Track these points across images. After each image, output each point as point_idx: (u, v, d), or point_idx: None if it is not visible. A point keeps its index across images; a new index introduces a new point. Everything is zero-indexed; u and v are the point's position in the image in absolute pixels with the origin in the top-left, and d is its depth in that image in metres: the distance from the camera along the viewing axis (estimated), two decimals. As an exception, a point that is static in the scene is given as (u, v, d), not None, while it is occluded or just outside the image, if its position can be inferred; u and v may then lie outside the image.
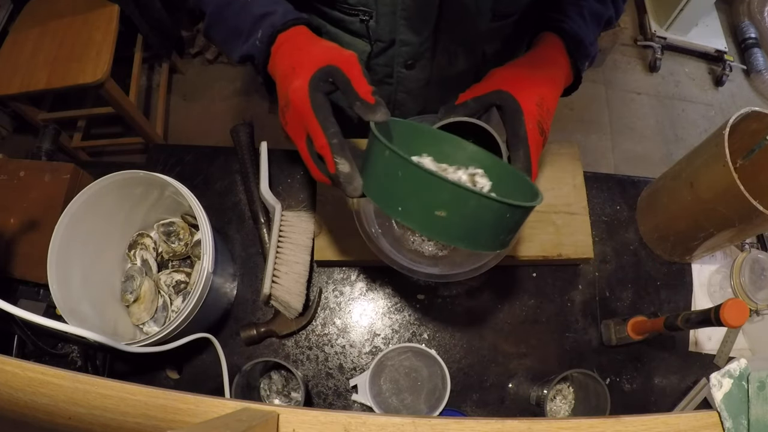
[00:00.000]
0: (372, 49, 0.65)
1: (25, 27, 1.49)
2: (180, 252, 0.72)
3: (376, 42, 0.64)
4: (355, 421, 0.32)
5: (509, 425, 0.32)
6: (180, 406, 0.32)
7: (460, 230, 0.38)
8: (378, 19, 0.60)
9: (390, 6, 0.58)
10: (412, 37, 0.62)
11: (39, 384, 0.34)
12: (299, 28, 0.50)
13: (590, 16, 0.58)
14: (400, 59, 0.66)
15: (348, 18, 0.62)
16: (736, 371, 0.34)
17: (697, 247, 0.74)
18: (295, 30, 0.49)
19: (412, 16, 0.59)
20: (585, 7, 0.58)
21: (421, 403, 0.68)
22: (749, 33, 2.21)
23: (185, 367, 0.70)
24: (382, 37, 0.63)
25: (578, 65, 0.57)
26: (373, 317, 0.73)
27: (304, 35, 0.49)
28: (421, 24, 0.61)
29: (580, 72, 0.58)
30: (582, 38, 0.56)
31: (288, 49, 0.49)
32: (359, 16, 0.60)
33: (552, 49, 0.55)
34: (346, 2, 0.59)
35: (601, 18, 0.60)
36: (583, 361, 0.73)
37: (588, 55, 0.58)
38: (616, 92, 2.16)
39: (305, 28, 0.50)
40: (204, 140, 1.78)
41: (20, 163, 0.76)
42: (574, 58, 0.56)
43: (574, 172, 0.77)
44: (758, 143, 0.67)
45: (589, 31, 0.57)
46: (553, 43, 0.56)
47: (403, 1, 0.57)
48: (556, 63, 0.55)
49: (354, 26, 0.63)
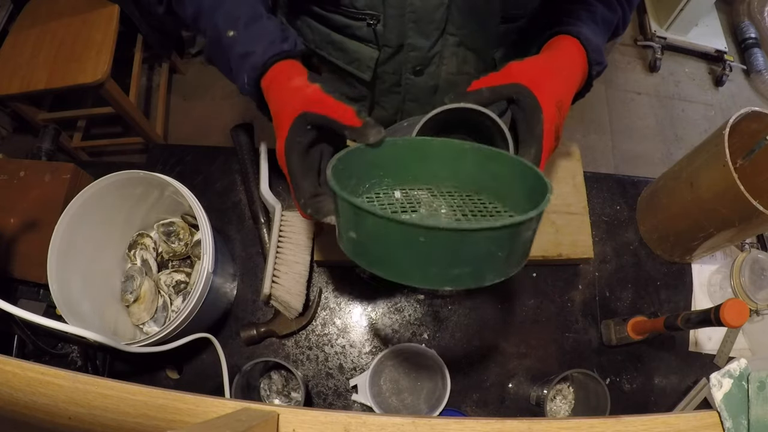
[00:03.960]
0: (380, 54, 0.64)
1: (25, 27, 1.49)
2: (180, 252, 0.72)
3: (383, 47, 0.63)
4: (355, 421, 0.32)
5: (509, 425, 0.32)
6: (180, 406, 0.32)
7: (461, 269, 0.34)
8: (386, 23, 0.59)
9: (398, 9, 0.58)
10: (420, 41, 0.62)
11: (39, 384, 0.34)
12: (280, 65, 0.49)
13: (602, 22, 0.57)
14: (408, 65, 0.65)
15: (355, 23, 0.61)
16: (736, 371, 0.34)
17: (697, 247, 0.74)
18: (276, 69, 0.49)
19: (420, 18, 0.59)
20: (597, 13, 0.57)
21: (421, 403, 0.68)
22: (749, 33, 2.21)
23: (185, 367, 0.70)
24: (390, 41, 0.62)
25: (591, 71, 0.55)
26: (373, 317, 0.73)
27: (284, 74, 0.48)
28: (429, 27, 0.60)
29: (592, 78, 0.56)
30: (597, 45, 0.54)
31: (273, 93, 0.49)
32: (366, 21, 0.59)
33: (572, 51, 0.53)
34: (353, 6, 0.59)
35: (610, 25, 0.59)
36: (583, 361, 0.73)
37: (601, 63, 0.55)
38: (616, 92, 2.16)
39: (285, 64, 0.49)
40: (204, 140, 1.77)
41: (20, 163, 0.76)
42: (591, 62, 0.54)
43: (574, 172, 0.77)
44: (758, 143, 0.67)
45: (602, 38, 0.56)
46: (573, 45, 0.53)
47: (411, 3, 0.57)
48: (576, 65, 0.52)
49: (361, 31, 0.62)
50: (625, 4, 0.60)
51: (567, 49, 0.53)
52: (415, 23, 0.59)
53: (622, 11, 0.60)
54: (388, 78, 0.69)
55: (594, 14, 0.56)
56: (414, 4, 0.57)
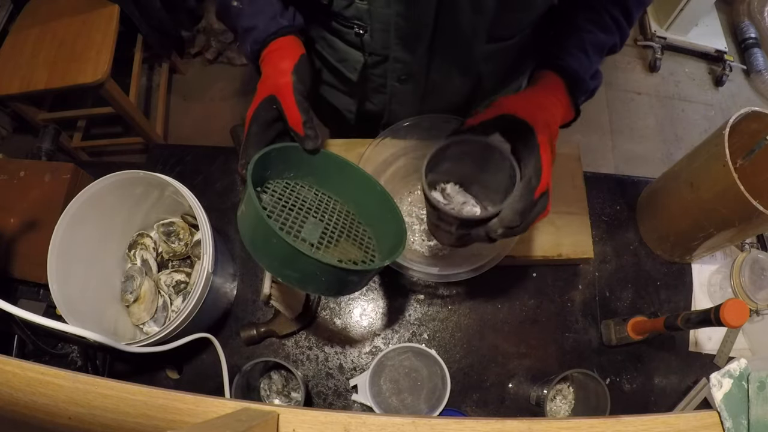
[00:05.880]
0: (366, 60, 0.65)
1: (25, 27, 1.49)
2: (180, 252, 0.72)
3: (370, 55, 0.64)
4: (355, 421, 0.32)
5: (509, 425, 0.32)
6: (180, 406, 0.32)
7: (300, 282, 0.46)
8: (372, 35, 0.61)
9: (383, 24, 0.58)
10: (405, 55, 0.63)
11: (39, 384, 0.34)
12: (278, 42, 0.56)
13: (592, 48, 0.57)
14: (394, 74, 0.66)
15: (344, 29, 0.62)
16: (736, 371, 0.34)
17: (697, 247, 0.74)
18: (274, 45, 0.56)
19: (406, 36, 0.59)
20: (587, 40, 0.57)
21: (421, 403, 0.68)
22: (749, 33, 2.21)
23: (185, 367, 0.70)
24: (377, 51, 0.63)
25: (577, 102, 0.57)
26: (373, 317, 0.73)
27: (278, 53, 0.55)
28: (414, 43, 0.61)
29: (579, 107, 0.57)
30: (582, 76, 0.55)
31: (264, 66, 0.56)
32: (354, 29, 0.61)
33: (551, 86, 0.55)
34: (342, 15, 0.60)
35: (604, 47, 0.59)
36: (583, 361, 0.73)
37: (587, 91, 0.57)
38: (616, 92, 2.16)
39: (284, 41, 0.56)
40: (204, 140, 1.77)
41: (20, 163, 0.76)
42: (573, 96, 0.56)
43: (574, 172, 0.77)
44: (758, 143, 0.67)
45: (590, 65, 0.56)
46: (553, 80, 0.55)
47: (396, 21, 0.57)
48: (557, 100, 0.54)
49: (349, 37, 0.63)
50: (624, 24, 0.59)
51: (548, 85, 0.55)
52: (400, 39, 0.60)
53: (620, 34, 0.60)
54: (375, 80, 0.69)
55: (583, 41, 0.56)
56: (399, 23, 0.57)
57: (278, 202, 0.52)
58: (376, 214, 0.58)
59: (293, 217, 0.51)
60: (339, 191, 0.59)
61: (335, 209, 0.57)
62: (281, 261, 0.45)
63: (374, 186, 0.58)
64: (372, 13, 0.57)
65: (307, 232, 0.51)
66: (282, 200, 0.52)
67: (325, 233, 0.53)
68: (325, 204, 0.57)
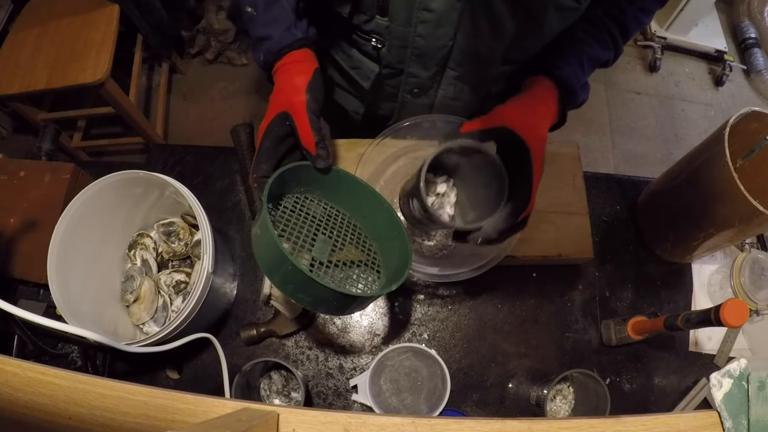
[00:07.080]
0: (380, 70, 0.66)
1: (25, 27, 1.49)
2: (180, 252, 0.72)
3: (385, 67, 0.65)
4: (355, 421, 0.32)
5: (509, 425, 0.32)
6: (180, 406, 0.32)
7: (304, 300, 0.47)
8: (390, 50, 0.62)
9: (402, 41, 0.59)
10: (420, 71, 0.64)
11: (39, 384, 0.34)
12: (292, 55, 0.55)
13: (588, 61, 0.59)
14: (407, 87, 0.68)
15: (362, 41, 0.63)
16: (736, 371, 0.34)
17: (697, 247, 0.74)
18: (288, 58, 0.55)
19: (423, 54, 0.61)
20: (585, 53, 0.58)
21: (421, 403, 0.68)
22: (749, 33, 2.21)
23: (185, 367, 0.70)
24: (392, 64, 0.64)
25: (565, 110, 0.58)
26: (373, 317, 0.73)
27: (292, 68, 0.55)
28: (430, 62, 0.62)
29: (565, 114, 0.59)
30: (575, 88, 0.57)
31: (277, 78, 0.56)
32: (372, 42, 0.62)
33: (545, 94, 0.56)
34: (361, 29, 0.61)
35: (598, 61, 0.61)
36: (583, 361, 0.73)
37: (576, 103, 0.59)
38: (616, 92, 2.16)
39: (298, 54, 0.55)
40: (204, 140, 1.78)
41: (20, 163, 0.76)
42: (564, 105, 0.57)
43: (574, 172, 0.77)
44: (758, 143, 0.67)
45: (583, 77, 0.58)
46: (547, 88, 0.56)
47: (415, 40, 0.58)
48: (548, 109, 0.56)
49: (366, 49, 0.64)
50: (620, 42, 0.61)
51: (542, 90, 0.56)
52: (417, 57, 0.61)
53: (615, 51, 0.62)
54: (388, 90, 0.71)
55: (581, 54, 0.58)
56: (417, 42, 0.58)
57: (289, 219, 0.53)
58: (383, 230, 0.59)
59: (304, 234, 0.52)
60: (347, 205, 0.60)
61: (343, 222, 0.58)
62: (295, 285, 0.46)
63: (382, 203, 0.59)
64: (392, 29, 0.58)
65: (317, 251, 0.52)
66: (293, 217, 0.53)
67: (335, 249, 0.54)
68: (334, 218, 0.58)
